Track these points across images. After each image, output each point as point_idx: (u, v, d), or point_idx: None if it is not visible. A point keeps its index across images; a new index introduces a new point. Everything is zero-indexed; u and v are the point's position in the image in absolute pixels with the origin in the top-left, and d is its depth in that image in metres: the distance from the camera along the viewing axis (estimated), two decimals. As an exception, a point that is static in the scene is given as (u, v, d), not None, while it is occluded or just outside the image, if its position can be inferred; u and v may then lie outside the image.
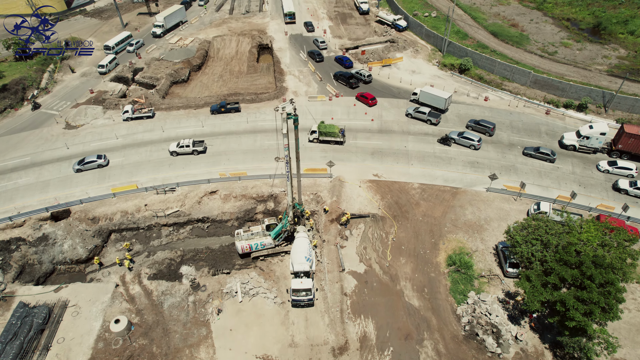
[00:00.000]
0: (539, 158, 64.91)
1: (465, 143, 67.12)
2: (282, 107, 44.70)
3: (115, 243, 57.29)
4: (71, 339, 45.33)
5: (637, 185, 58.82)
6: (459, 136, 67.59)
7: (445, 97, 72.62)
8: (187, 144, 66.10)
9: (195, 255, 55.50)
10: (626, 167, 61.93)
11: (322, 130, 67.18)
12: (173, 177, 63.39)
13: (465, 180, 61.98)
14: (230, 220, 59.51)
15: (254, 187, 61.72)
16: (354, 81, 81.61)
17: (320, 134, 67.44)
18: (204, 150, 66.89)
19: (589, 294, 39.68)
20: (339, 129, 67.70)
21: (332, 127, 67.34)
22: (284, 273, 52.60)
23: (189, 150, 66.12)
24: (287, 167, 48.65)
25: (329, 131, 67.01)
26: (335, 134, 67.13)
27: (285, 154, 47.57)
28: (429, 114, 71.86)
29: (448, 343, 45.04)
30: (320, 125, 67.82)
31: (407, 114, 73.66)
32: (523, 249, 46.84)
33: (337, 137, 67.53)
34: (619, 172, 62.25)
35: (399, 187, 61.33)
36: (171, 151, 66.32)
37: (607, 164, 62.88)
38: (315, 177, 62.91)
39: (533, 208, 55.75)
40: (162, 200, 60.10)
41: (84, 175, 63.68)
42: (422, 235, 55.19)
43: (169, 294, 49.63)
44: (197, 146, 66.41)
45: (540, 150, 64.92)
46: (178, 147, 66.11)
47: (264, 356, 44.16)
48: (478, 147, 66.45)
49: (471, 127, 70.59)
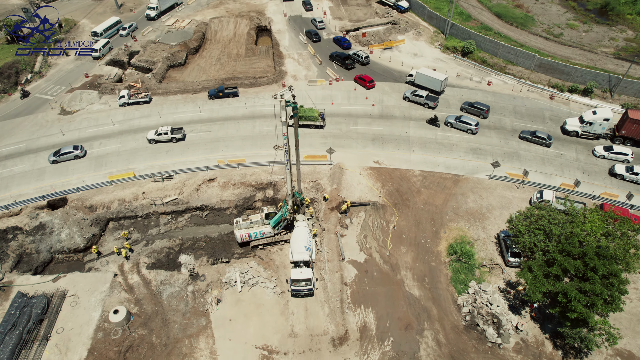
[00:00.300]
0: (535, 142, 64.19)
1: (462, 127, 66.07)
2: (281, 95, 43.47)
3: (113, 232, 56.75)
4: (70, 329, 45.20)
5: (634, 170, 58.05)
6: (456, 120, 66.49)
7: (441, 79, 71.28)
8: (166, 132, 64.75)
9: (194, 244, 54.99)
10: (622, 152, 61.02)
11: (301, 114, 65.83)
12: (170, 165, 62.44)
13: (467, 167, 61.05)
14: (229, 209, 58.84)
15: (252, 175, 60.84)
16: (350, 62, 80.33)
17: (300, 119, 66.16)
18: (182, 137, 65.69)
19: (591, 285, 39.25)
20: (319, 113, 66.52)
21: (311, 110, 66.13)
22: (283, 262, 52.19)
23: (168, 137, 64.88)
24: (286, 156, 47.70)
25: (308, 115, 65.79)
26: (314, 117, 65.95)
27: (284, 142, 46.57)
28: (426, 97, 70.55)
29: (448, 333, 44.90)
30: (299, 110, 66.32)
31: (405, 97, 72.36)
32: (525, 239, 46.28)
33: (317, 121, 66.41)
34: (614, 158, 61.39)
35: (400, 174, 60.45)
36: (149, 139, 65.03)
37: (602, 149, 61.99)
38: (315, 165, 61.97)
39: (536, 196, 55.00)
40: (160, 188, 59.30)
41: (80, 163, 62.72)
42: (423, 224, 54.59)
43: (167, 283, 49.31)
44: (175, 133, 65.03)
45: (536, 134, 64.02)
46: (156, 134, 64.88)
47: (264, 346, 44.07)
48: (475, 131, 65.40)
49: (465, 110, 69.74)
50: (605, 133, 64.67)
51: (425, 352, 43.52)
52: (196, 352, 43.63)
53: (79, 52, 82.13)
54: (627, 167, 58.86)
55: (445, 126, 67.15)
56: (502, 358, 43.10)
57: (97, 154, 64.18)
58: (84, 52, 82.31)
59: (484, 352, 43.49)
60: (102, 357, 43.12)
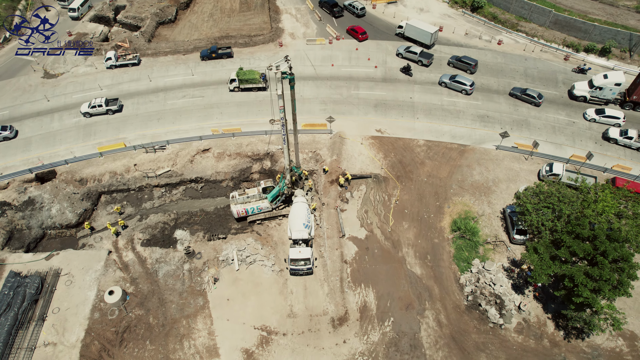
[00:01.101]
0: (525, 100, 61.67)
1: (456, 87, 62.85)
2: (276, 66, 39.87)
3: (106, 206, 54.93)
4: (66, 309, 44.51)
5: (628, 135, 55.42)
6: (450, 80, 63.09)
7: (431, 32, 67.52)
8: (100, 104, 60.54)
9: (190, 218, 53.34)
10: (614, 115, 57.99)
11: (241, 77, 62.37)
12: (162, 134, 59.53)
13: (474, 136, 58.13)
14: (224, 181, 56.65)
15: (249, 145, 58.09)
16: (338, 10, 76.68)
17: (241, 82, 62.68)
18: (119, 108, 61.78)
19: (600, 270, 37.86)
20: (260, 74, 63.05)
21: (251, 72, 62.63)
22: (282, 238, 50.77)
23: (103, 110, 60.84)
24: (283, 130, 44.83)
25: (249, 78, 62.43)
26: (256, 80, 62.62)
27: (280, 116, 43.54)
28: (420, 54, 66.46)
29: (450, 313, 44.24)
30: (238, 72, 62.92)
31: (398, 53, 68.41)
32: (533, 218, 44.44)
33: (259, 83, 63.13)
34: (606, 122, 58.54)
35: (404, 144, 57.68)
36: (83, 112, 60.94)
37: (594, 112, 59.00)
38: (314, 133, 59.03)
39: (545, 169, 52.56)
40: (152, 160, 56.79)
41: (68, 132, 59.79)
42: (426, 198, 52.62)
43: (163, 261, 48.14)
44: (110, 105, 61.06)
45: (526, 92, 61.20)
46: (90, 107, 60.68)
47: (263, 327, 43.55)
48: (470, 92, 62.20)
49: (452, 64, 66.84)
50: (616, 98, 61.08)
51: (425, 332, 43.04)
52: (194, 332, 43.18)
53: (79, 52, 68.05)
54: (621, 131, 56.19)
55: (452, 91, 63.38)
56: (504, 339, 42.67)
57: (85, 123, 61.04)
58: (83, 52, 68.61)
59: (485, 332, 43.01)
60: (99, 338, 42.71)
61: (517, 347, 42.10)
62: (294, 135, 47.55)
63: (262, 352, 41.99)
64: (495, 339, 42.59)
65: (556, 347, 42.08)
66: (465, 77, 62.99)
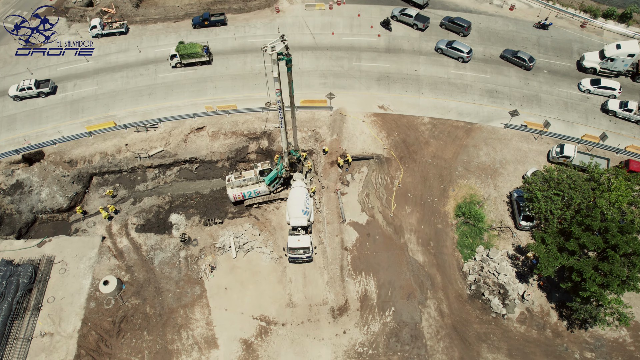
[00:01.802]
0: (515, 63, 59.01)
1: (453, 54, 59.49)
2: (272, 47, 36.57)
3: (98, 188, 52.99)
4: (62, 299, 43.75)
5: (627, 107, 52.75)
6: (447, 46, 59.51)
7: None
8: (29, 86, 55.98)
9: (185, 201, 51.60)
10: (610, 86, 55.00)
11: (182, 52, 58.11)
12: (154, 111, 56.56)
13: (482, 113, 55.21)
14: (220, 161, 54.38)
15: (244, 123, 55.32)
16: None
17: (182, 57, 58.58)
18: (52, 90, 57.34)
19: (610, 265, 36.54)
20: (202, 47, 58.78)
21: (192, 46, 58.40)
22: (280, 223, 49.25)
23: (33, 92, 56.47)
24: (280, 114, 42.10)
25: (190, 52, 58.28)
26: (198, 53, 58.61)
27: (277, 99, 40.68)
28: (415, 17, 62.31)
29: (452, 303, 43.45)
30: (179, 47, 58.40)
31: (392, 16, 64.19)
32: (542, 206, 42.61)
33: (202, 57, 59.25)
34: (601, 93, 55.64)
35: (407, 121, 54.89)
36: (12, 96, 56.70)
37: (589, 82, 55.98)
38: (314, 110, 56.06)
39: (555, 151, 50.12)
40: (144, 139, 54.26)
41: (54, 109, 56.79)
42: (430, 181, 50.59)
43: (158, 248, 46.88)
44: (42, 87, 56.75)
45: (517, 54, 58.39)
46: (19, 90, 56.14)
47: (261, 317, 42.90)
48: (467, 59, 58.92)
49: (445, 26, 63.20)
50: (628, 70, 57.48)
51: (427, 322, 42.43)
52: (192, 322, 42.59)
53: (79, 53, 60.70)
54: (621, 103, 53.45)
55: (459, 63, 59.63)
56: (506, 329, 42.11)
57: (72, 98, 57.88)
58: (83, 52, 61.01)
59: (487, 322, 42.40)
60: (96, 328, 42.18)
61: (519, 338, 41.61)
62: (292, 118, 44.90)
63: (261, 342, 41.56)
64: (497, 329, 42.03)
65: (559, 337, 41.58)
66: (462, 43, 59.24)
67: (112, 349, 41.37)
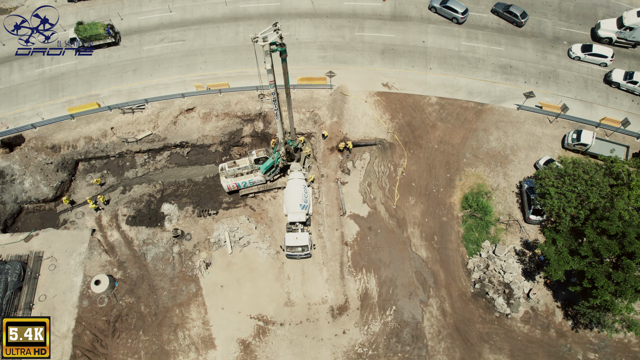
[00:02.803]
0: (506, 18, 54.72)
1: (447, 15, 54.56)
2: (263, 37, 32.29)
3: (85, 175, 50.17)
4: (53, 297, 42.53)
5: (632, 79, 49.03)
6: (441, 5, 54.43)
7: None
8: None
9: (177, 190, 49.02)
10: (601, 54, 50.72)
11: (82, 34, 51.22)
12: (140, 89, 52.37)
13: (494, 92, 51.10)
14: (213, 145, 51.12)
15: (238, 103, 51.39)
16: None
17: (83, 40, 51.93)
18: None
19: (625, 274, 34.74)
20: (104, 27, 51.87)
21: (93, 27, 51.42)
22: (277, 214, 46.99)
23: None
24: (275, 105, 38.45)
25: (92, 34, 51.38)
26: (100, 35, 51.81)
27: (271, 92, 36.90)
28: None
29: (455, 301, 42.24)
30: (77, 28, 51.28)
31: None
32: (554, 203, 40.07)
33: (106, 39, 52.77)
34: (592, 60, 51.57)
35: (413, 102, 50.96)
36: None
37: (579, 49, 51.70)
38: (312, 89, 51.89)
39: (571, 137, 46.72)
40: (131, 122, 50.64)
41: (32, 87, 52.49)
42: (436, 169, 47.70)
43: (151, 243, 44.99)
44: None
45: (510, 9, 53.81)
46: None
47: (259, 316, 41.87)
48: (462, 20, 54.16)
49: None
50: None
51: (429, 322, 41.46)
52: (188, 322, 41.64)
53: (79, 53, 54.37)
54: (625, 74, 49.61)
55: (470, 34, 54.36)
56: (509, 329, 41.21)
57: (51, 74, 53.38)
58: (83, 53, 54.54)
59: (490, 322, 41.43)
60: (91, 328, 41.31)
61: (522, 338, 40.82)
62: (288, 108, 41.20)
63: (259, 343, 40.83)
64: (500, 329, 41.14)
65: (562, 337, 40.77)
66: (458, 2, 53.88)
67: (108, 349, 40.73)
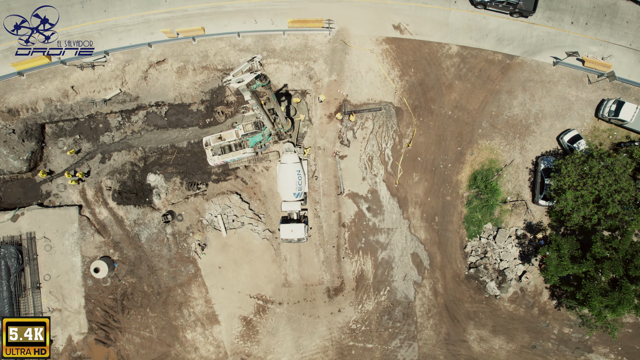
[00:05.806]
0: None
1: None
2: (237, 80, 24.79)
3: (56, 140, 45.00)
4: (57, 276, 43.79)
5: None
6: None
7: None
8: None
9: (160, 157, 44.87)
10: None
11: None
12: (94, 32, 42.60)
13: (529, 39, 41.65)
14: (193, 104, 44.46)
15: (217, 54, 42.55)
16: None
17: None
18: None
19: (621, 295, 34.90)
20: None
21: None
22: (271, 188, 44.17)
23: None
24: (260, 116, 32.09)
25: None
26: None
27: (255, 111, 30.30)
28: None
29: (448, 282, 43.44)
30: None
31: None
32: (569, 204, 37.21)
33: None
34: None
35: (430, 52, 42.11)
36: None
37: None
38: (306, 32, 42.20)
39: (609, 108, 40.08)
40: (94, 79, 42.94)
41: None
42: (446, 141, 42.68)
43: (142, 223, 43.72)
44: None
45: None
46: None
47: (258, 295, 43.79)
48: None
49: None
50: None
51: (420, 301, 43.54)
52: (191, 300, 43.82)
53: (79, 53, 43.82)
54: None
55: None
56: (496, 308, 43.52)
57: (-21, 9, 42.67)
58: (83, 53, 44.17)
59: (479, 302, 43.47)
60: (100, 304, 43.84)
61: (506, 315, 43.47)
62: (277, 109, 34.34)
63: (259, 319, 43.80)
64: (487, 308, 43.48)
65: (544, 315, 43.37)
66: None
67: (121, 323, 44.01)
